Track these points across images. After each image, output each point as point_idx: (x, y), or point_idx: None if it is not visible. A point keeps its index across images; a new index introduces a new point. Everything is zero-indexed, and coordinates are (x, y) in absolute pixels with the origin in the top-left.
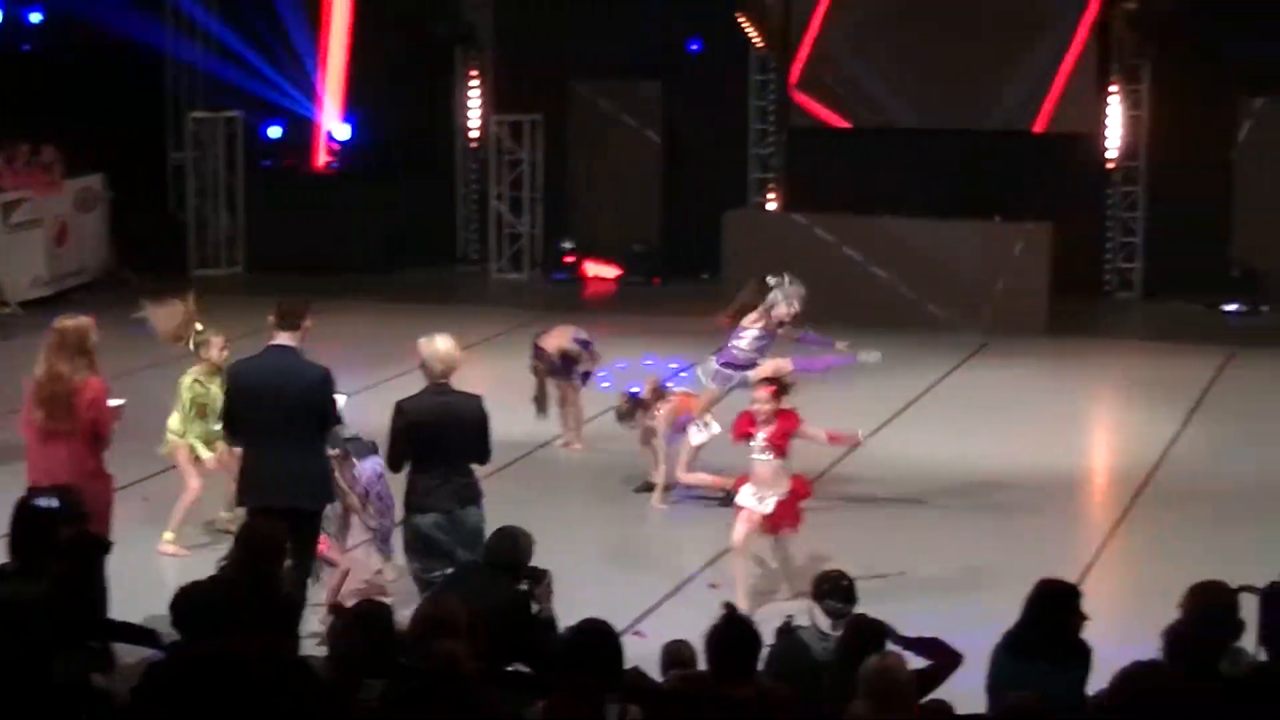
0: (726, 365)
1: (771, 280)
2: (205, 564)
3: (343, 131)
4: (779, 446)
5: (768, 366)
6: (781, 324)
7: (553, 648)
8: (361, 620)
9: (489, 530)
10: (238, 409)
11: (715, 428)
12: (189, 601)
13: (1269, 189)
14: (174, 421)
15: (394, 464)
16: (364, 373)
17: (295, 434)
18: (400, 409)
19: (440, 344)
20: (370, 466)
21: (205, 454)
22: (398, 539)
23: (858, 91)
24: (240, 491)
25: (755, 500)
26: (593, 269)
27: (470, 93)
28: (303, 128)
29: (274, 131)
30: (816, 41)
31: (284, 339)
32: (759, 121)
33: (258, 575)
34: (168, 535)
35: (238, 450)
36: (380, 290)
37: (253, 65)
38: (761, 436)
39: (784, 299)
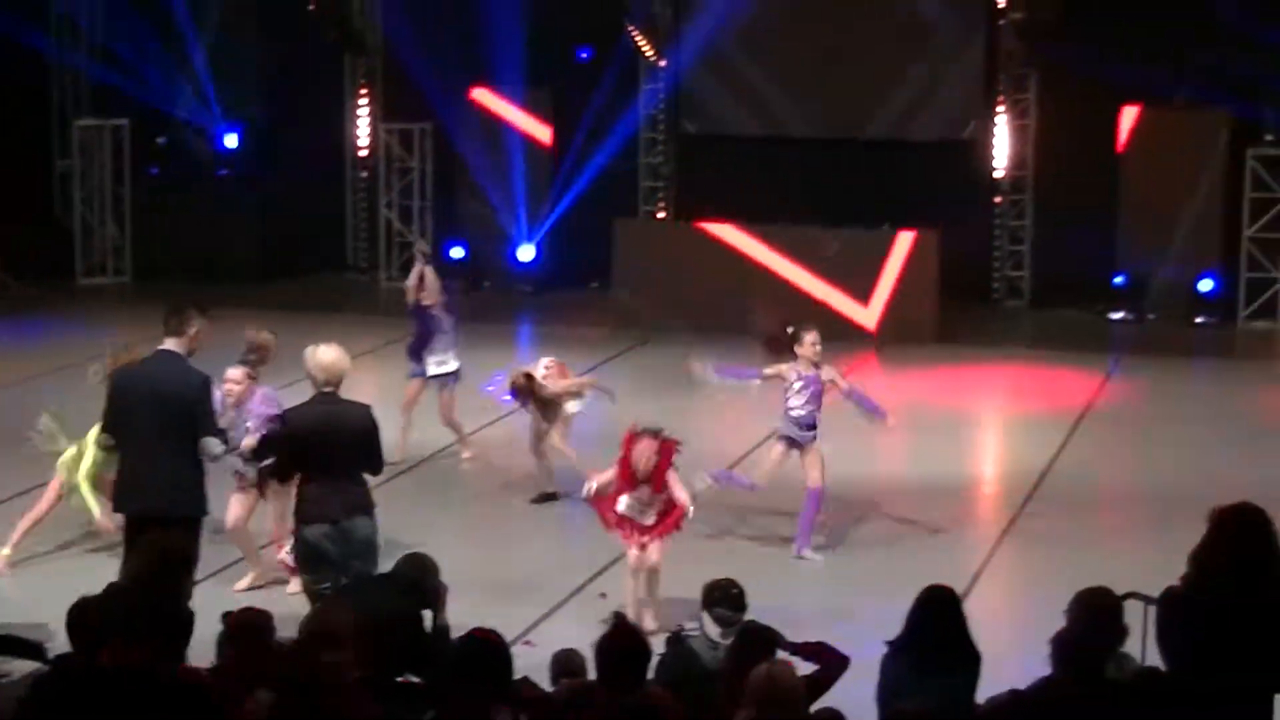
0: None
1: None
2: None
3: (231, 140)
4: (658, 486)
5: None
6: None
7: (444, 658)
8: (241, 630)
9: (386, 547)
10: (116, 414)
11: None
12: (83, 613)
13: (1154, 197)
14: (68, 457)
15: (280, 474)
16: None
17: (172, 441)
18: (283, 418)
19: (324, 353)
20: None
21: (96, 514)
22: None
23: (748, 100)
24: (117, 498)
25: (636, 511)
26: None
27: (359, 101)
28: (191, 135)
29: (161, 139)
30: (706, 50)
31: (169, 344)
32: (648, 130)
33: (161, 588)
34: (5, 551)
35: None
36: (269, 298)
37: (141, 73)
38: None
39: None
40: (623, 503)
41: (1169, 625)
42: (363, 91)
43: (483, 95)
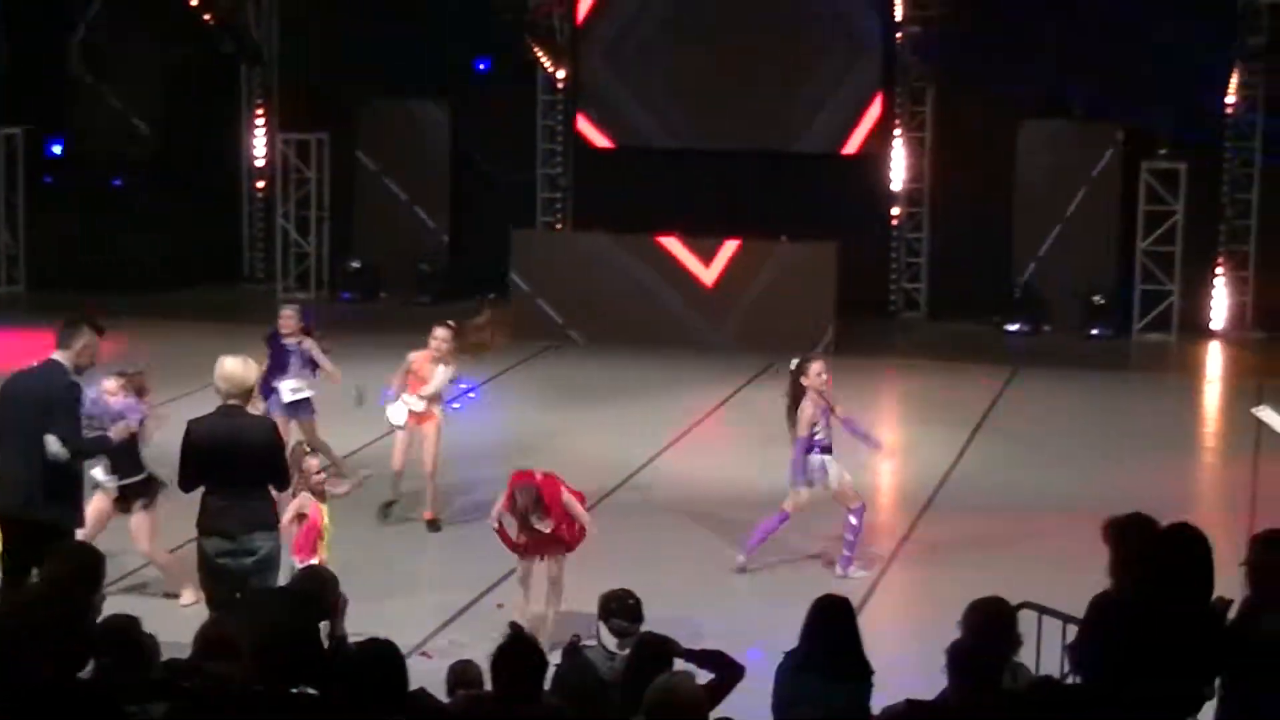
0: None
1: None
2: None
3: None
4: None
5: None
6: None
7: (343, 668)
8: (114, 637)
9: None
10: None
11: (412, 404)
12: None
13: (1048, 212)
14: None
15: (182, 484)
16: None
17: (37, 444)
18: (187, 429)
19: (229, 365)
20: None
21: None
22: None
23: (646, 112)
24: None
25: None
26: None
27: (256, 111)
28: (87, 144)
29: (56, 149)
30: (604, 63)
31: (57, 355)
32: (547, 141)
33: (69, 599)
34: None
35: None
36: (165, 309)
37: (34, 80)
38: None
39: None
40: (513, 526)
41: (1096, 628)
42: (259, 102)
43: (381, 105)
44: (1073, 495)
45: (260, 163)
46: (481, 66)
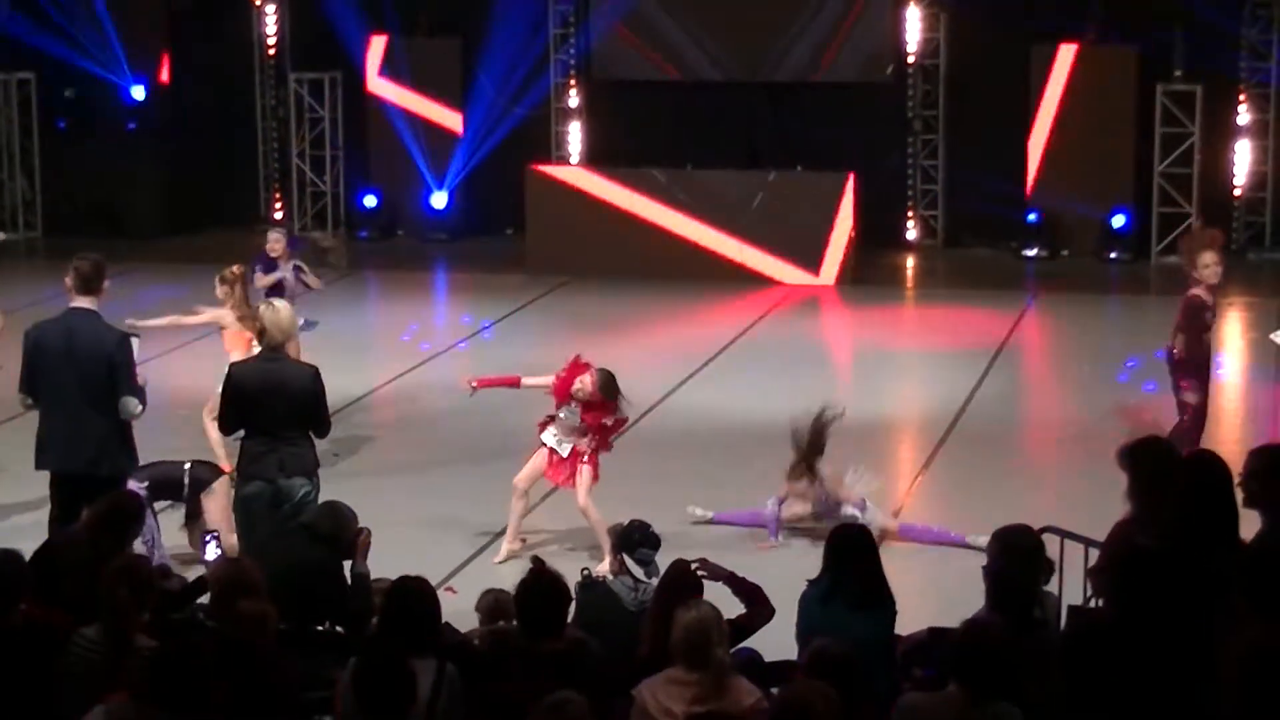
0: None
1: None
2: None
3: (138, 92)
4: (593, 429)
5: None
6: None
7: (365, 605)
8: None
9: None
10: (34, 373)
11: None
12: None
13: (1065, 135)
14: None
15: (222, 426)
16: (164, 336)
17: (90, 399)
18: (229, 372)
19: (285, 313)
20: None
21: None
22: None
23: (659, 45)
24: (39, 455)
25: (555, 440)
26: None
27: (268, 49)
28: (99, 89)
29: (69, 92)
30: None
31: (83, 302)
32: (560, 75)
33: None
34: None
35: None
36: (178, 252)
37: (47, 24)
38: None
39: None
40: (549, 434)
41: (1128, 578)
42: (271, 41)
43: (392, 42)
44: (1092, 421)
45: (273, 102)
46: None
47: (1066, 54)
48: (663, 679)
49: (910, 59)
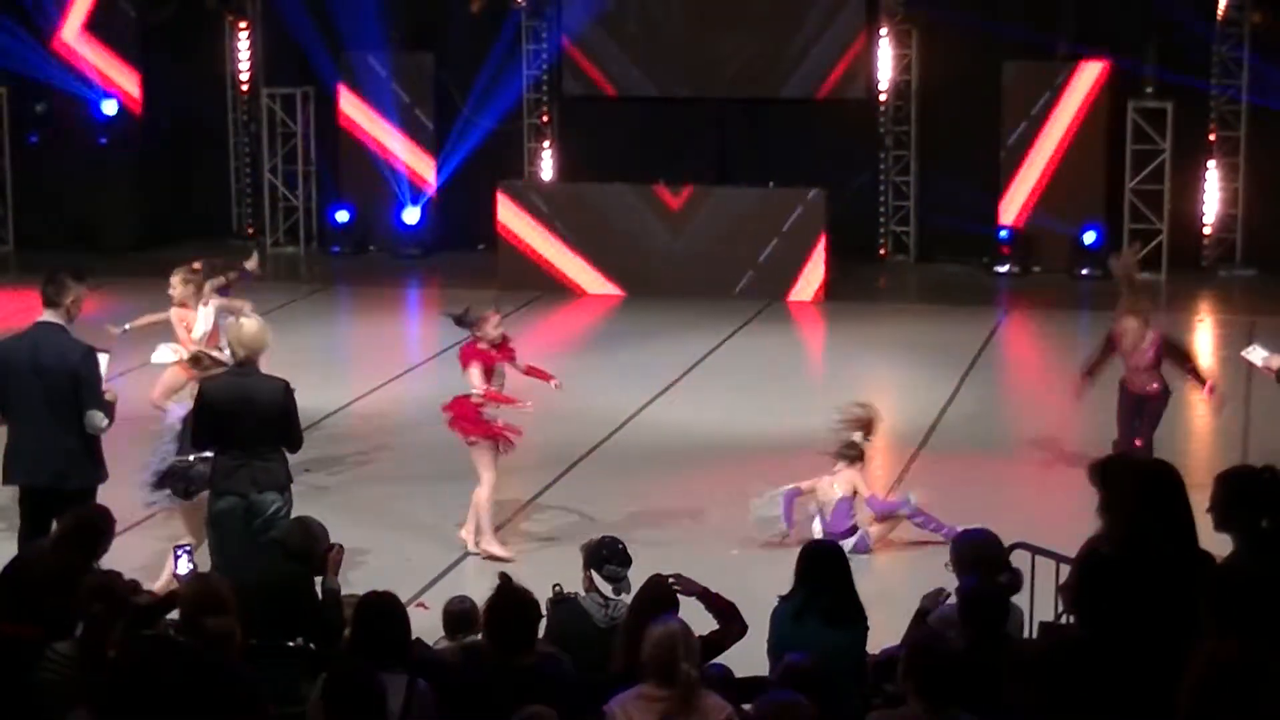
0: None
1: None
2: None
3: (110, 107)
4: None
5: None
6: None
7: (336, 621)
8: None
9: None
10: (1, 388)
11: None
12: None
13: (1035, 153)
14: None
15: (195, 443)
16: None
17: (56, 413)
18: (200, 388)
19: (247, 327)
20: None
21: None
22: None
23: (631, 60)
24: (5, 470)
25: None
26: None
27: (240, 65)
28: (70, 104)
29: (40, 107)
30: (588, 11)
31: (48, 315)
32: (532, 91)
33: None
34: None
35: None
36: (151, 267)
37: (17, 40)
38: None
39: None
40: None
41: (1094, 589)
42: (243, 56)
43: (365, 58)
44: (1065, 437)
45: (245, 117)
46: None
47: (1038, 71)
48: (634, 694)
49: (882, 76)
